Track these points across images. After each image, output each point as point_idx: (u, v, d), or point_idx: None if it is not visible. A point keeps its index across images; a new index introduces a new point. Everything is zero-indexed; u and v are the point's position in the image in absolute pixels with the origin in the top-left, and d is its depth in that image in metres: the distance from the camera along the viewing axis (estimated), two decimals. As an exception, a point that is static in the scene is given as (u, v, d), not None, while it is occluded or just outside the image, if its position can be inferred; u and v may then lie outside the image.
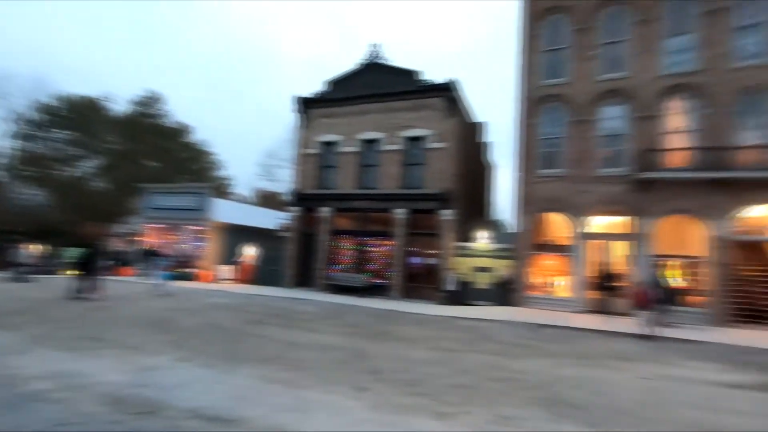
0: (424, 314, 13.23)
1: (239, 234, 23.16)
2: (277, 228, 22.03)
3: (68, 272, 16.20)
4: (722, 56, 14.46)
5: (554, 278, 16.42)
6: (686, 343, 10.36)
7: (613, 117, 15.78)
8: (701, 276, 14.22)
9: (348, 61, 78.63)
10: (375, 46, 20.14)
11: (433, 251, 17.80)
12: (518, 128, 16.90)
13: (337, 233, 19.62)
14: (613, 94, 15.69)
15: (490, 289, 17.14)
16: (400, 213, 18.15)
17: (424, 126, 18.32)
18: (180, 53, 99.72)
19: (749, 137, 14.06)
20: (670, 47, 15.25)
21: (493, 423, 4.46)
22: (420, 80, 18.75)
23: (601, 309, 14.34)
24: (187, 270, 21.13)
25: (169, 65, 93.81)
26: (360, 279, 18.13)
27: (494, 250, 17.57)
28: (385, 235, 18.57)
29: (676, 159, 14.57)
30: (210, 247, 22.42)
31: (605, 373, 7.03)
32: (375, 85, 19.41)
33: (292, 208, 20.47)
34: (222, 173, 47.47)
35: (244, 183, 41.44)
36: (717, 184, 13.77)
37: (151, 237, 23.94)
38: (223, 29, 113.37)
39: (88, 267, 12.32)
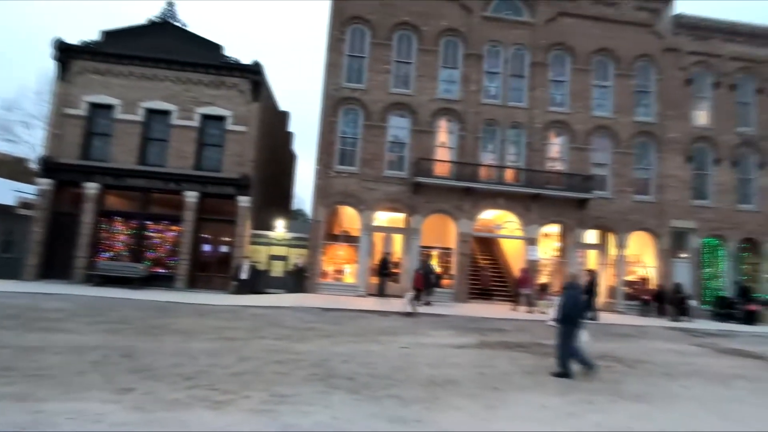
0: (210, 305, 12.57)
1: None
2: (16, 204, 17.04)
3: None
4: (475, 92, 18.47)
5: (344, 266, 17.99)
6: (437, 317, 12.98)
7: (399, 127, 18.22)
8: (452, 263, 17.95)
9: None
10: (170, 4, 17.71)
11: (228, 238, 16.98)
12: (320, 124, 17.70)
13: (108, 215, 16.56)
14: (400, 107, 18.10)
15: (285, 277, 17.53)
16: (191, 196, 16.58)
17: (225, 106, 17.19)
18: None
19: (488, 158, 18.48)
20: (443, 77, 18.59)
21: (269, 403, 4.72)
22: (223, 56, 17.45)
23: (379, 292, 16.48)
24: None
25: None
26: (137, 269, 15.78)
27: (290, 239, 18.01)
28: (172, 219, 16.69)
29: (440, 168, 17.90)
30: None
31: (373, 346, 8.23)
32: (169, 50, 17.06)
33: (41, 180, 16.17)
34: None
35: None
36: (465, 192, 17.59)
37: None
38: None
39: None
